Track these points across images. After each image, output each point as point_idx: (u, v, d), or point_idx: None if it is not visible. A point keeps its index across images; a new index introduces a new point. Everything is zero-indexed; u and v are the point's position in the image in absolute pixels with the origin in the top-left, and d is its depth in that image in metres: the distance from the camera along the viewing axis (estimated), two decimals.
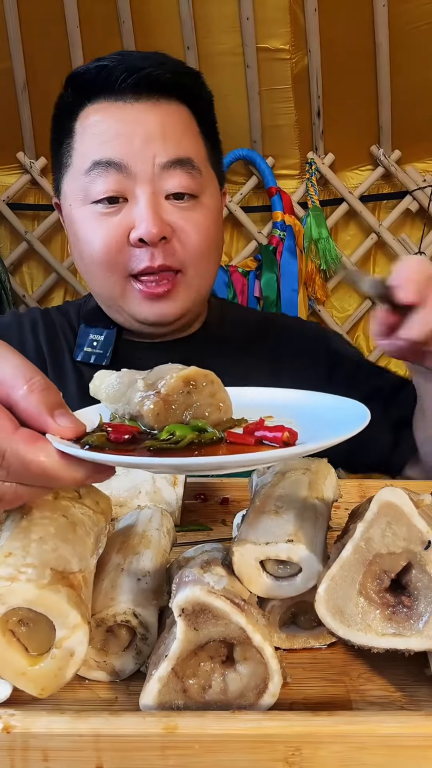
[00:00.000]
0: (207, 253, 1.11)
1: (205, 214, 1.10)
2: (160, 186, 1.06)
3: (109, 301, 1.13)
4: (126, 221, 1.06)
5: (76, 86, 1.10)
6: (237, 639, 0.51)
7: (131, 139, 1.05)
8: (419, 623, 0.51)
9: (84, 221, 1.09)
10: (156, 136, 1.06)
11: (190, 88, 1.12)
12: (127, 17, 2.29)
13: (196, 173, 1.09)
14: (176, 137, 1.07)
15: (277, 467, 0.71)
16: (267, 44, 2.31)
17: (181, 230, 1.08)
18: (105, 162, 1.05)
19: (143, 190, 1.05)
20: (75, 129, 1.10)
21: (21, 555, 0.50)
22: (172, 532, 0.68)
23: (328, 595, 0.52)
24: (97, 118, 1.08)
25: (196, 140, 1.12)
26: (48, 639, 0.50)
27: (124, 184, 1.06)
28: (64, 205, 1.15)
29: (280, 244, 2.52)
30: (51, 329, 1.23)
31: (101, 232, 1.07)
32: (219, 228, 1.15)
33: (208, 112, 1.17)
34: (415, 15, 2.25)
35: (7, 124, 2.47)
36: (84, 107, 1.10)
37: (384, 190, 2.62)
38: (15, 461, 0.48)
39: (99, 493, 0.64)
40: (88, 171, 1.07)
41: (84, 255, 1.10)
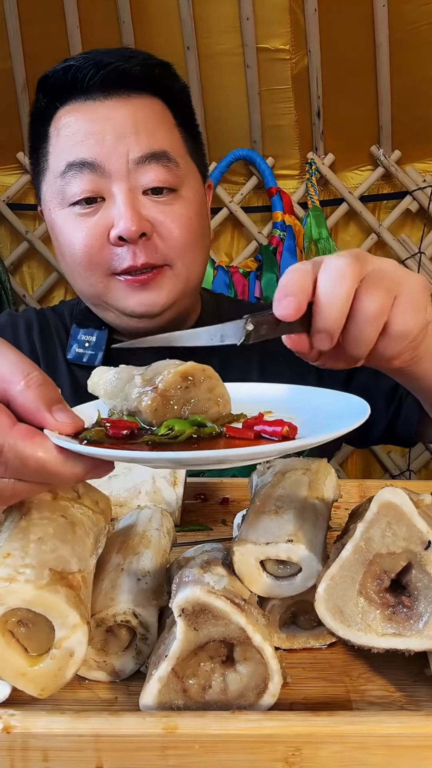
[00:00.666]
0: (191, 245, 1.09)
1: (186, 206, 1.08)
2: (136, 182, 1.05)
3: (95, 299, 1.12)
4: (104, 220, 1.05)
5: (47, 90, 1.10)
6: (237, 639, 0.51)
7: (103, 137, 1.04)
8: (419, 623, 0.51)
9: (63, 224, 1.08)
10: (128, 132, 1.04)
11: (162, 80, 1.10)
12: (127, 17, 2.29)
13: (173, 166, 1.07)
14: (149, 131, 1.06)
15: (277, 467, 0.71)
16: (267, 44, 2.30)
17: (161, 225, 1.06)
18: (78, 163, 1.04)
19: (119, 188, 1.04)
20: (49, 133, 1.10)
21: (20, 556, 0.50)
22: (172, 532, 0.68)
23: (327, 594, 0.52)
24: (69, 119, 1.07)
25: (171, 132, 1.10)
26: (47, 639, 0.50)
27: (99, 183, 1.04)
28: (45, 211, 1.14)
29: (281, 244, 2.51)
30: (45, 329, 1.23)
31: (80, 234, 1.06)
32: (203, 219, 1.13)
33: (183, 103, 1.15)
34: (415, 15, 2.24)
35: (7, 124, 2.47)
36: (56, 110, 1.09)
37: (384, 191, 2.62)
38: (13, 457, 0.48)
39: (98, 493, 0.64)
40: (63, 173, 1.06)
41: (66, 257, 1.10)
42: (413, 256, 2.55)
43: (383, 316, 0.63)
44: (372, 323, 0.63)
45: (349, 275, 0.62)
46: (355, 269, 0.62)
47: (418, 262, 2.54)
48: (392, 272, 0.65)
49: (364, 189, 2.58)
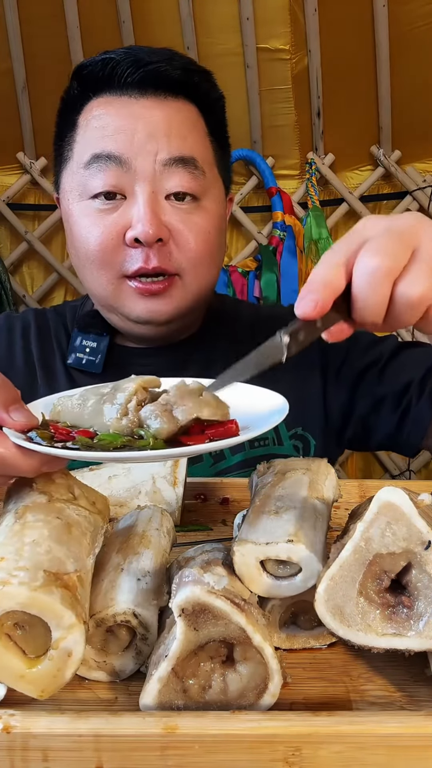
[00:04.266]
0: (205, 259, 1.07)
1: (206, 218, 1.06)
2: (161, 185, 1.03)
3: (103, 300, 1.10)
4: (123, 219, 1.03)
5: (82, 79, 1.08)
6: (237, 639, 0.51)
7: (133, 134, 1.02)
8: (419, 623, 0.51)
9: (80, 217, 1.06)
10: (159, 133, 1.02)
11: (200, 87, 1.08)
12: (127, 17, 2.29)
13: (199, 174, 1.05)
14: (181, 135, 1.04)
15: (277, 467, 0.71)
16: (267, 44, 2.30)
17: (179, 233, 1.04)
18: (105, 155, 1.02)
19: (142, 188, 1.02)
20: (78, 122, 1.08)
21: (14, 559, 0.50)
22: (172, 532, 0.68)
23: (327, 594, 0.52)
24: (100, 111, 1.05)
25: (202, 141, 1.08)
26: (45, 641, 0.50)
27: (123, 179, 1.02)
28: (62, 200, 1.12)
29: (280, 244, 2.51)
30: (44, 332, 1.21)
31: (97, 230, 1.04)
32: (220, 233, 1.11)
33: (217, 113, 1.12)
34: (415, 15, 2.24)
35: (7, 124, 2.47)
36: (89, 101, 1.07)
37: (384, 191, 2.62)
38: None
39: (95, 493, 0.64)
40: (88, 164, 1.04)
41: (79, 252, 1.08)
42: None
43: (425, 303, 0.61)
44: (413, 311, 0.62)
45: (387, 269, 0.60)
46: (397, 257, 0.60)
47: None
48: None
49: (364, 189, 2.58)
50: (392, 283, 0.61)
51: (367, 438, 1.21)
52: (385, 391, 1.13)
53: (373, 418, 1.15)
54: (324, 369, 1.17)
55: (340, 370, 1.16)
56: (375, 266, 0.60)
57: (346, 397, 1.16)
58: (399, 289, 0.61)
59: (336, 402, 1.17)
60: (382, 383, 1.13)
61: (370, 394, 1.14)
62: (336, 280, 0.62)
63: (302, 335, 0.61)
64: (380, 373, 1.14)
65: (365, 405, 1.15)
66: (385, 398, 1.13)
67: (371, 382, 1.14)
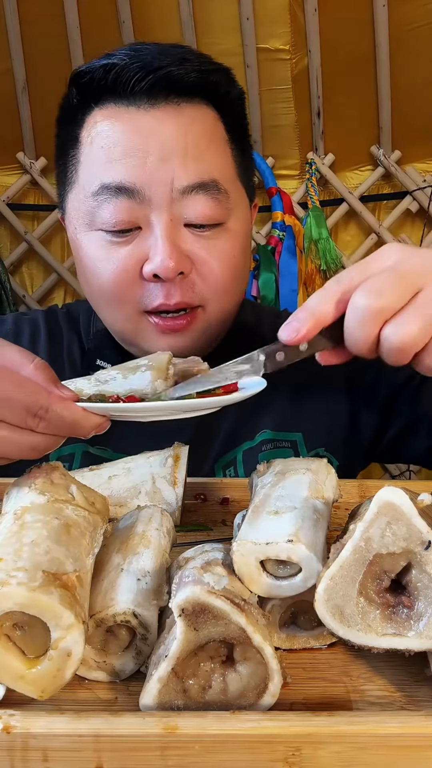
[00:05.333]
0: (231, 286, 0.98)
1: (232, 241, 0.96)
2: (179, 213, 0.92)
3: (120, 335, 1.03)
4: (139, 252, 0.93)
5: (81, 87, 0.96)
6: (237, 639, 0.51)
7: (145, 158, 0.90)
8: (419, 623, 0.51)
9: (90, 249, 0.96)
10: (175, 153, 0.91)
11: (218, 88, 0.96)
12: (127, 17, 2.29)
13: (222, 197, 0.94)
14: (198, 153, 0.92)
15: (277, 467, 0.71)
16: (267, 44, 2.30)
17: (203, 262, 0.94)
18: (115, 187, 0.91)
19: (159, 218, 0.91)
20: (81, 138, 0.96)
21: (12, 560, 0.50)
22: (172, 532, 0.68)
23: (327, 594, 0.52)
24: (105, 126, 0.93)
25: (223, 152, 0.96)
26: (44, 641, 0.50)
27: (136, 211, 0.92)
28: (68, 226, 1.01)
29: (279, 244, 2.51)
30: (54, 336, 1.13)
31: (110, 265, 0.94)
32: (246, 254, 1.01)
33: (238, 114, 1.01)
34: (415, 15, 2.24)
35: (7, 124, 2.47)
36: (90, 111, 0.95)
37: (384, 191, 2.62)
38: (54, 416, 0.62)
39: (94, 493, 0.64)
40: (96, 194, 0.93)
41: (92, 286, 0.98)
42: None
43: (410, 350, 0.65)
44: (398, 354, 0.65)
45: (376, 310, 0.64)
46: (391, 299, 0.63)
47: None
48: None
49: (364, 189, 2.58)
50: (380, 324, 0.64)
51: (398, 454, 1.18)
52: (422, 410, 1.08)
53: (408, 437, 1.11)
54: (354, 388, 1.11)
55: (374, 388, 1.10)
56: (364, 306, 0.64)
57: (380, 416, 1.11)
58: (384, 332, 0.64)
59: (369, 421, 1.11)
60: (419, 402, 1.07)
61: (405, 414, 1.09)
62: (325, 312, 0.67)
63: (281, 356, 0.68)
64: (417, 391, 1.08)
65: (401, 424, 1.10)
66: (422, 418, 1.08)
67: (407, 401, 1.09)
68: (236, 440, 1.08)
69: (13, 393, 0.62)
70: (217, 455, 1.07)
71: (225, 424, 1.08)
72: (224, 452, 1.08)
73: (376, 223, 2.58)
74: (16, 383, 0.63)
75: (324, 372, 1.04)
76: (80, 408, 0.64)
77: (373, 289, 0.64)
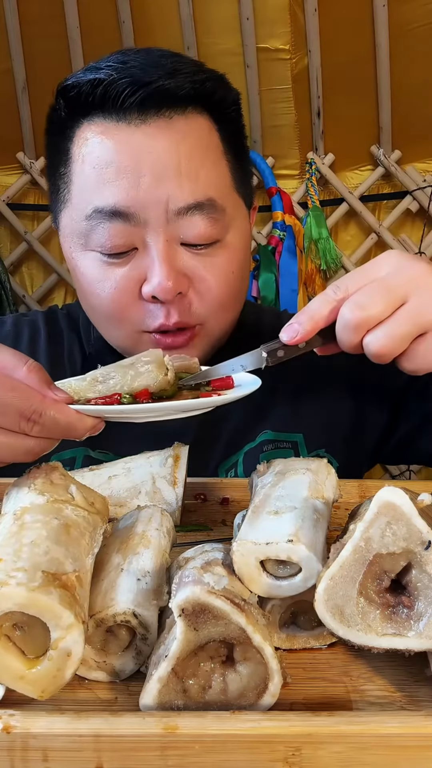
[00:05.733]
0: (229, 303, 0.97)
1: (229, 257, 0.95)
2: (175, 233, 0.91)
3: (121, 350, 1.02)
4: (136, 273, 0.92)
5: (69, 101, 0.93)
6: (237, 639, 0.51)
7: (138, 179, 0.88)
8: (419, 623, 0.51)
9: (87, 269, 0.94)
10: (169, 173, 0.88)
11: (212, 96, 0.93)
12: (127, 17, 2.29)
13: (218, 216, 0.92)
14: (193, 170, 0.89)
15: (277, 467, 0.71)
16: (267, 44, 2.30)
17: (201, 280, 0.93)
18: (108, 211, 0.89)
19: (155, 239, 0.90)
20: (71, 153, 0.93)
21: (12, 560, 0.50)
22: (172, 532, 0.68)
23: (327, 594, 0.52)
24: (95, 142, 0.90)
25: (218, 164, 0.94)
26: (44, 641, 0.50)
27: (131, 234, 0.90)
28: (63, 243, 0.99)
29: (280, 244, 2.51)
30: (55, 338, 1.11)
31: (108, 285, 0.92)
32: (245, 267, 1.00)
33: (234, 120, 0.98)
34: (415, 15, 2.24)
35: (7, 124, 2.47)
36: (80, 125, 0.92)
37: (384, 190, 2.62)
38: (48, 419, 0.63)
39: (94, 493, 0.64)
40: (89, 218, 0.91)
41: (90, 305, 0.97)
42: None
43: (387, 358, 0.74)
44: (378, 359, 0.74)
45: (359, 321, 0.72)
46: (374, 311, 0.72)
47: None
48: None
49: (364, 189, 2.58)
50: (362, 333, 0.73)
51: (406, 455, 1.17)
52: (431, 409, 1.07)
53: (417, 437, 1.10)
54: (359, 388, 1.10)
55: (381, 387, 1.09)
56: (348, 318, 0.73)
57: (387, 416, 1.11)
58: (365, 340, 0.73)
59: (376, 421, 1.11)
60: (428, 400, 1.06)
61: (414, 413, 1.09)
62: (322, 317, 0.76)
63: (282, 353, 0.77)
64: (424, 390, 1.07)
65: (410, 423, 1.10)
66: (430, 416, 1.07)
67: (416, 400, 1.08)
68: (238, 444, 1.08)
69: (6, 397, 0.62)
70: (218, 461, 1.07)
71: (226, 430, 1.07)
72: (226, 457, 1.07)
73: (376, 223, 2.58)
74: (9, 387, 0.63)
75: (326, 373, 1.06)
76: (74, 411, 0.65)
77: (358, 302, 0.73)
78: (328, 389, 1.09)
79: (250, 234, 1.04)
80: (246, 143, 1.04)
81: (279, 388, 1.07)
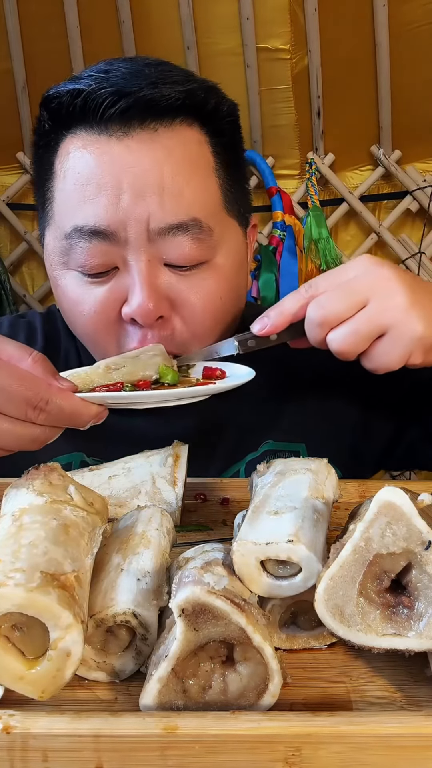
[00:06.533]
0: (214, 330, 0.92)
1: (218, 280, 0.90)
2: (158, 253, 0.86)
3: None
4: (116, 293, 0.88)
5: (51, 113, 0.89)
6: (237, 639, 0.51)
7: (118, 197, 0.84)
8: (419, 624, 0.51)
9: (66, 287, 0.91)
10: (150, 190, 0.84)
11: (203, 106, 0.88)
12: (127, 17, 2.29)
13: (204, 236, 0.87)
14: (177, 188, 0.85)
15: (277, 467, 0.71)
16: (267, 44, 2.30)
17: (184, 304, 0.88)
18: (87, 230, 0.85)
19: (136, 259, 0.86)
20: (55, 167, 0.90)
21: (10, 561, 0.50)
22: (172, 532, 0.68)
23: (327, 594, 0.52)
24: (76, 157, 0.86)
25: (206, 183, 0.89)
26: (44, 642, 0.50)
27: (111, 253, 0.86)
28: (45, 261, 0.96)
29: (280, 244, 2.51)
30: (52, 340, 1.10)
31: (87, 306, 0.89)
32: (235, 290, 0.94)
33: (230, 131, 0.93)
34: (415, 15, 2.24)
35: (7, 124, 2.47)
36: (63, 139, 0.89)
37: (384, 190, 2.62)
38: (54, 407, 0.65)
39: (93, 494, 0.64)
40: (69, 236, 0.87)
41: (71, 322, 0.95)
42: (413, 256, 2.55)
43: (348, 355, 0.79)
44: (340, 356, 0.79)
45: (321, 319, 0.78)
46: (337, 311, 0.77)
47: (419, 262, 2.54)
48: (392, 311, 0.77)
49: (364, 189, 2.58)
50: (326, 331, 0.78)
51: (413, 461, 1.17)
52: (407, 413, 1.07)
53: (422, 446, 1.10)
54: (362, 398, 1.08)
55: (383, 396, 1.07)
56: (312, 315, 0.78)
57: (392, 425, 1.09)
58: (328, 338, 0.79)
59: (379, 430, 1.09)
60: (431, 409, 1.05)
61: (420, 419, 1.07)
62: (292, 312, 0.81)
63: (253, 342, 0.84)
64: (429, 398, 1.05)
65: (414, 433, 1.09)
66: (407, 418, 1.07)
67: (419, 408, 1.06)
68: (240, 454, 1.07)
69: (13, 386, 0.65)
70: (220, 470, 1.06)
71: (228, 439, 1.07)
72: (227, 466, 1.07)
73: (377, 222, 2.58)
74: (16, 376, 0.65)
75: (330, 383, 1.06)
76: (79, 399, 0.68)
77: (321, 302, 0.78)
78: (331, 399, 1.08)
79: (245, 255, 0.98)
80: (243, 157, 1.00)
81: (281, 398, 1.07)
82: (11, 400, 0.64)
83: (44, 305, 2.63)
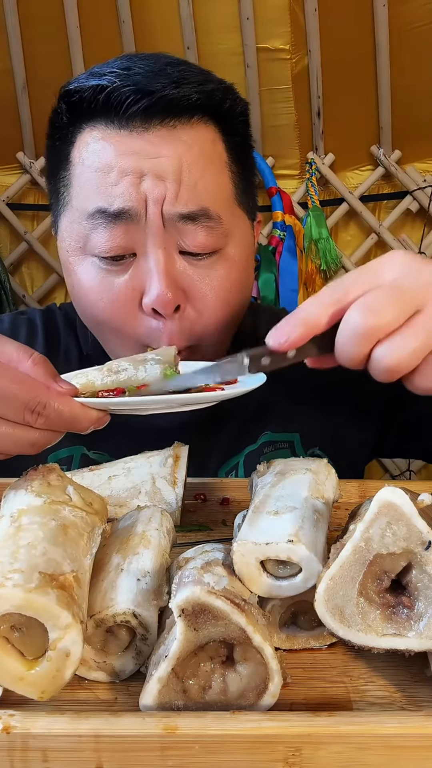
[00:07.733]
0: (226, 322, 0.95)
1: (228, 269, 0.93)
2: (173, 239, 0.89)
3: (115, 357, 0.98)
4: (135, 282, 0.90)
5: (71, 106, 0.92)
6: (237, 639, 0.51)
7: (139, 178, 0.87)
8: (419, 624, 0.51)
9: (84, 275, 0.92)
10: (170, 176, 0.87)
11: (220, 107, 0.92)
12: (127, 17, 2.29)
13: (215, 225, 0.90)
14: (192, 180, 0.88)
15: (277, 467, 0.71)
16: (267, 44, 2.30)
17: (196, 295, 0.91)
18: (108, 211, 0.88)
19: (154, 245, 0.88)
20: (72, 158, 0.92)
21: (8, 562, 0.50)
22: (172, 532, 0.68)
23: (327, 594, 0.52)
24: (97, 148, 0.89)
25: (219, 176, 0.92)
26: (43, 642, 0.49)
27: (132, 236, 0.89)
28: (60, 248, 0.98)
29: (280, 244, 2.51)
30: (52, 337, 1.11)
31: (106, 295, 0.91)
32: (244, 280, 0.97)
33: (242, 129, 0.97)
34: (415, 15, 2.24)
35: (7, 124, 2.47)
36: (81, 131, 0.91)
37: (384, 190, 2.62)
38: (52, 411, 0.63)
39: (92, 494, 0.64)
40: (90, 218, 0.89)
41: (86, 315, 0.96)
42: None
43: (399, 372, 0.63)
44: (386, 375, 0.63)
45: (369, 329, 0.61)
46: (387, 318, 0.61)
47: None
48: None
49: (364, 189, 2.58)
50: (372, 343, 0.62)
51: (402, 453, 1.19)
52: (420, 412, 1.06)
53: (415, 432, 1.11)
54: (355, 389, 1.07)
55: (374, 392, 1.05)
56: (358, 324, 0.61)
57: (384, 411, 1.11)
58: (376, 352, 0.62)
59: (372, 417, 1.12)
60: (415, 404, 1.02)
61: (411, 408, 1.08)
62: (317, 321, 0.64)
63: (267, 360, 0.64)
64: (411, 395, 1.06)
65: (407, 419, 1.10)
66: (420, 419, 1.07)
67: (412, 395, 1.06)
68: (238, 446, 1.08)
69: (11, 389, 0.63)
70: (219, 463, 1.07)
71: (226, 433, 1.07)
72: (226, 459, 1.07)
73: (377, 223, 2.58)
74: (15, 379, 0.63)
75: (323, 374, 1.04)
76: (78, 403, 0.65)
77: (369, 306, 0.61)
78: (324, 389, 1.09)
79: (253, 248, 1.01)
80: (252, 155, 1.03)
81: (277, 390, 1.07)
82: (9, 403, 0.62)
83: (43, 305, 2.63)
